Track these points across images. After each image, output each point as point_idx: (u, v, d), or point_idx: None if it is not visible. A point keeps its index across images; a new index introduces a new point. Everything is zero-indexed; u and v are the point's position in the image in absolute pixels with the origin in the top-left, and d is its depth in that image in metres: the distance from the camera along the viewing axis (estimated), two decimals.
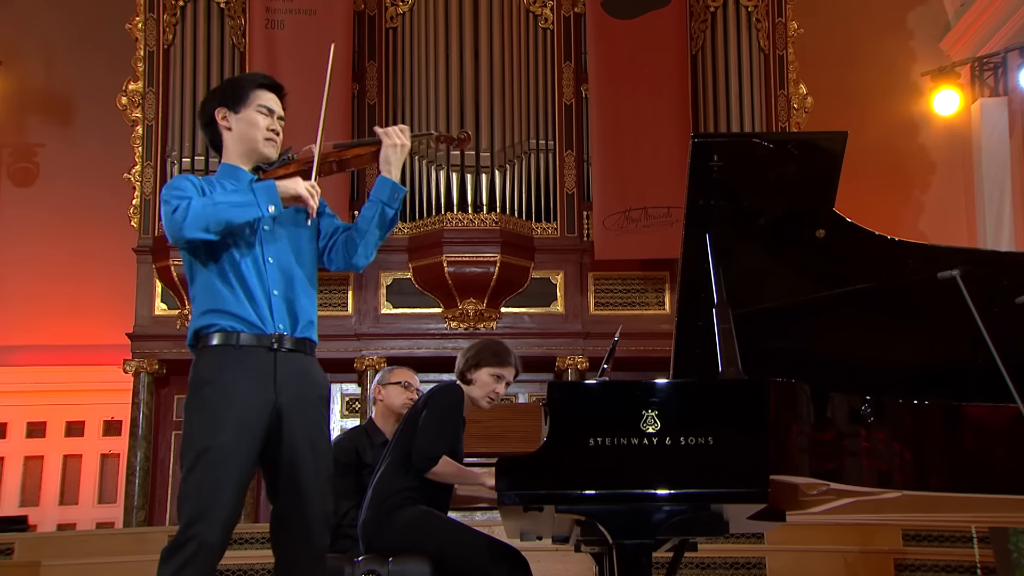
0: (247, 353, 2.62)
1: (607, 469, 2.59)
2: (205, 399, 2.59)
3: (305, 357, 2.71)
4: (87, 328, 8.38)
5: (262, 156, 2.80)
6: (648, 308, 7.40)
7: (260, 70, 7.04)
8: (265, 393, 2.62)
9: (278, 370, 2.63)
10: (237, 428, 2.56)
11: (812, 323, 3.22)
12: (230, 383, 2.58)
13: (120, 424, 8.38)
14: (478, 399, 3.53)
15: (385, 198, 2.79)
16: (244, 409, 2.58)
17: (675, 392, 2.68)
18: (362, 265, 2.85)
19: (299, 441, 2.65)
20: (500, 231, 7.09)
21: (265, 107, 2.80)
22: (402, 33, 7.55)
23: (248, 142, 2.79)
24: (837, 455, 2.75)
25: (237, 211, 2.60)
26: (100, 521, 8.29)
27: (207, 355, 2.64)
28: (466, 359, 3.55)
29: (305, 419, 2.67)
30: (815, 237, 3.07)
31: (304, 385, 2.69)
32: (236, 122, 2.79)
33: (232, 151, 2.81)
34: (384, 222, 2.81)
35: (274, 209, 2.63)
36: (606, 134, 7.24)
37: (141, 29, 7.47)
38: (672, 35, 7.36)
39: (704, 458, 2.59)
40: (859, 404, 2.78)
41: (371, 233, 2.80)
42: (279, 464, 2.65)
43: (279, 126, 2.83)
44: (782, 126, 7.46)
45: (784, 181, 3.00)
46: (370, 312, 7.32)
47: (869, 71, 8.74)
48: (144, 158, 7.38)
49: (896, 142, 8.78)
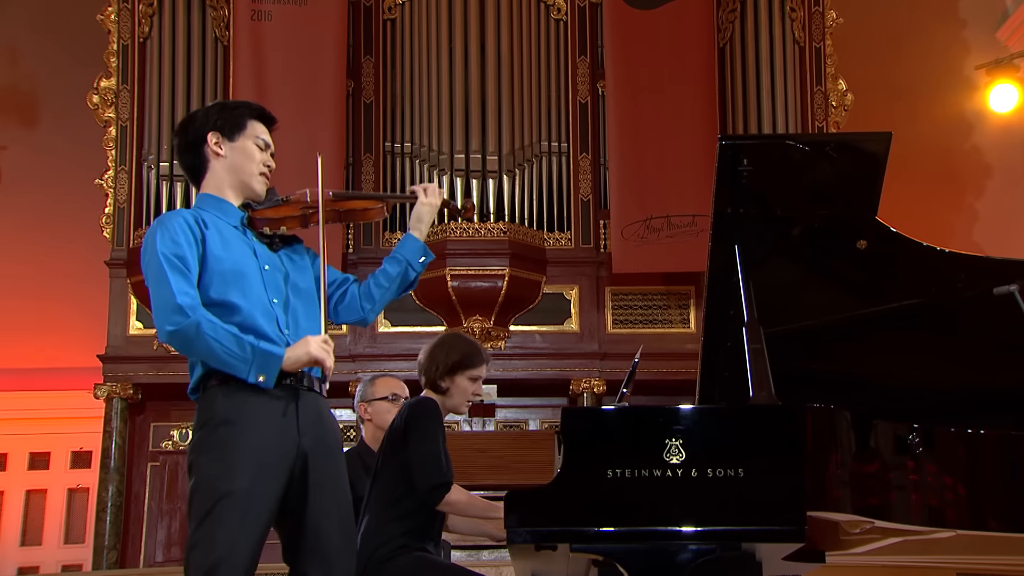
0: (267, 391, 2.64)
1: (627, 504, 2.60)
2: (222, 439, 2.60)
3: (320, 398, 2.76)
4: (53, 349, 8.41)
5: (252, 192, 2.84)
6: (671, 326, 7.41)
7: (246, 65, 7.13)
8: (289, 433, 2.65)
9: (300, 410, 2.68)
10: (259, 471, 2.58)
11: (852, 343, 3.23)
12: (250, 422, 2.61)
13: (90, 455, 8.39)
14: (458, 407, 3.55)
15: (411, 258, 2.95)
16: (268, 450, 2.61)
17: (702, 419, 2.69)
18: (371, 319, 2.98)
19: (326, 494, 2.67)
20: (509, 242, 7.12)
21: (262, 140, 2.85)
22: (401, 25, 7.60)
23: (240, 174, 2.82)
24: (882, 489, 2.75)
25: (224, 359, 2.59)
26: (66, 563, 8.29)
27: (222, 392, 2.65)
28: (435, 366, 3.52)
29: (331, 467, 2.71)
30: (855, 248, 3.09)
31: (325, 429, 2.74)
32: (231, 150, 2.82)
33: (220, 181, 2.83)
34: (406, 283, 2.96)
35: (264, 379, 2.61)
36: (625, 135, 7.27)
37: (114, 20, 7.53)
38: (697, 26, 7.40)
39: (734, 492, 2.60)
40: (906, 433, 2.79)
41: (389, 291, 2.94)
42: (303, 522, 2.66)
43: (272, 162, 2.88)
44: (819, 126, 7.48)
45: (821, 187, 3.02)
46: (366, 331, 7.34)
47: (916, 64, 8.75)
48: (118, 162, 7.42)
49: (947, 143, 8.78)
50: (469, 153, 7.26)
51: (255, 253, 2.78)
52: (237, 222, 2.80)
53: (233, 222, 2.79)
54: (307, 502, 2.65)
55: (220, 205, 2.81)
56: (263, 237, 2.82)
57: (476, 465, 3.71)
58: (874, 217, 3.06)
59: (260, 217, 2.82)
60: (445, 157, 7.24)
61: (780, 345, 2.89)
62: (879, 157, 2.97)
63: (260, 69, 7.15)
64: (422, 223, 2.99)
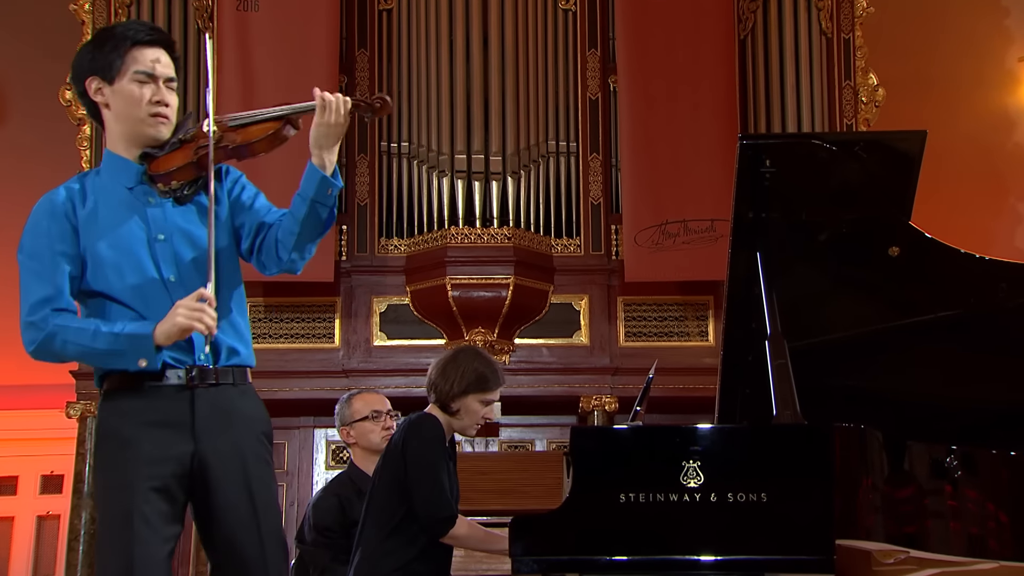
0: (154, 395, 2.53)
1: (641, 531, 2.61)
2: (109, 457, 2.54)
3: (230, 391, 2.59)
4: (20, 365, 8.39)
5: (148, 139, 2.59)
6: (688, 339, 7.41)
7: (230, 58, 7.15)
8: (180, 441, 2.53)
9: (196, 412, 2.53)
10: (149, 487, 2.49)
11: (884, 358, 3.24)
12: (133, 435, 2.51)
13: (61, 479, 8.40)
14: (465, 429, 3.48)
15: (314, 193, 2.59)
16: (155, 463, 2.50)
17: (721, 439, 2.70)
18: (299, 267, 2.68)
19: (235, 500, 2.55)
20: (513, 248, 7.13)
21: (143, 72, 2.55)
22: (398, 16, 7.62)
23: (129, 122, 2.57)
24: (917, 516, 2.76)
25: (98, 359, 2.52)
26: None
27: (107, 401, 2.58)
28: (448, 385, 3.44)
29: (241, 471, 2.56)
30: (887, 256, 3.10)
31: (232, 429, 2.57)
32: (112, 96, 2.57)
33: (112, 133, 2.60)
34: (319, 223, 2.61)
35: (146, 363, 2.47)
36: (638, 134, 7.29)
37: (88, 11, 7.55)
38: (717, 16, 7.41)
39: (756, 518, 2.61)
40: (943, 455, 2.80)
41: (304, 235, 2.61)
42: (213, 538, 2.57)
43: (169, 95, 2.59)
44: (848, 124, 7.49)
45: (850, 190, 3.04)
46: (360, 344, 7.35)
47: (953, 57, 8.75)
48: (92, 163, 7.43)
49: (987, 141, 8.77)
50: (471, 153, 7.26)
51: (147, 221, 2.58)
52: (133, 181, 2.59)
53: (128, 183, 2.59)
54: (214, 516, 2.54)
55: (115, 164, 2.61)
56: (164, 193, 2.59)
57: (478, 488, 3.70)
58: (907, 222, 3.08)
59: (156, 172, 2.57)
60: (445, 158, 7.25)
61: (806, 360, 2.90)
62: (912, 157, 2.98)
63: (246, 62, 7.17)
64: (322, 148, 2.62)
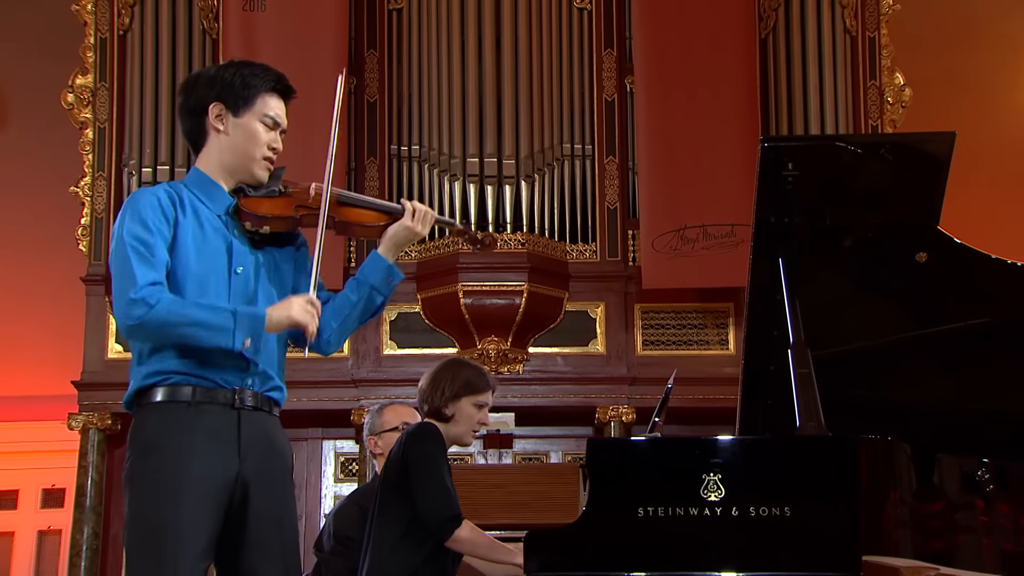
0: (204, 411, 2.62)
1: (660, 546, 2.61)
2: (155, 466, 2.58)
3: (270, 419, 2.72)
4: (22, 375, 8.47)
5: (251, 177, 2.78)
6: (708, 348, 7.40)
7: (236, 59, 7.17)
8: (228, 458, 2.62)
9: (243, 432, 2.64)
10: (197, 499, 2.56)
11: (911, 367, 3.23)
12: (184, 446, 2.58)
13: (63, 493, 8.44)
14: (462, 436, 3.56)
15: (376, 282, 2.79)
16: (205, 477, 2.58)
17: (743, 451, 2.70)
18: (331, 350, 2.84)
19: (266, 530, 2.64)
20: (527, 255, 7.13)
21: (271, 118, 2.78)
22: (408, 16, 7.64)
23: (241, 157, 2.77)
24: (948, 532, 2.76)
25: (203, 333, 2.57)
26: None
27: (155, 412, 2.63)
28: (439, 391, 3.55)
29: (276, 500, 2.67)
30: (915, 262, 3.10)
31: (273, 454, 2.69)
32: (233, 127, 2.76)
33: (215, 159, 2.78)
34: (370, 310, 2.81)
35: (249, 343, 2.60)
36: (656, 137, 7.29)
37: (91, 11, 7.59)
38: (737, 14, 7.42)
39: (780, 533, 2.60)
40: (974, 468, 2.79)
41: (352, 320, 2.81)
42: (239, 562, 2.63)
43: (280, 143, 2.81)
44: (873, 125, 7.48)
45: (876, 193, 3.03)
46: (370, 353, 7.36)
47: (985, 54, 8.71)
48: (95, 168, 7.48)
49: (1021, 142, 8.74)
50: (484, 157, 7.28)
51: (230, 251, 2.72)
52: (222, 211, 2.74)
53: (217, 211, 2.74)
54: (244, 539, 2.62)
55: (207, 188, 2.76)
56: (248, 232, 2.75)
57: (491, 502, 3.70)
58: (936, 226, 3.07)
59: (247, 210, 2.73)
60: (457, 161, 7.27)
61: (830, 369, 2.89)
62: (941, 159, 2.97)
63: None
64: (394, 244, 2.81)
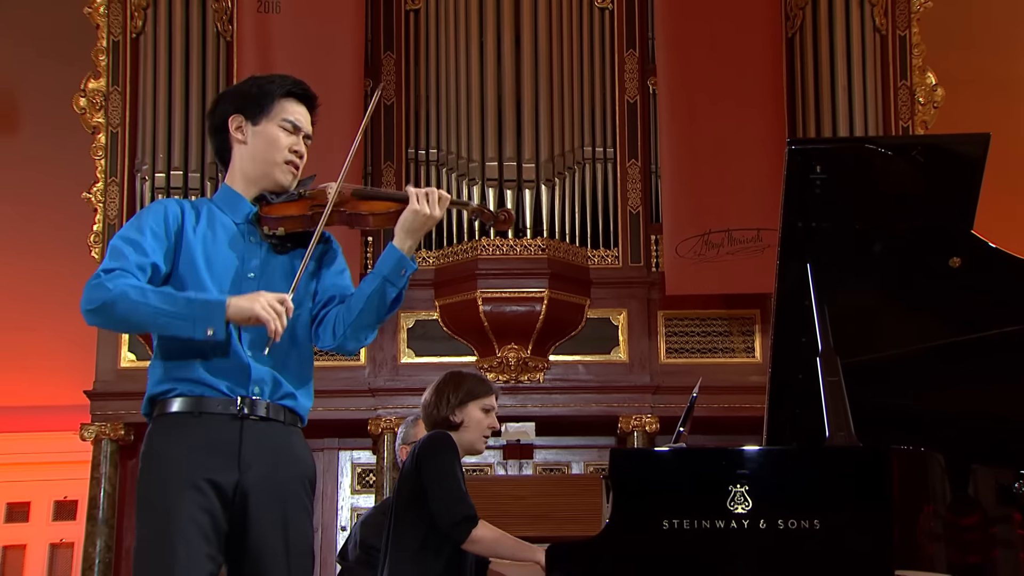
0: (205, 421, 2.65)
1: (685, 559, 2.60)
2: (156, 477, 2.63)
3: (279, 427, 2.73)
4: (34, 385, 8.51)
5: (275, 184, 2.81)
6: (734, 355, 7.38)
7: (251, 63, 7.18)
8: (227, 468, 2.64)
9: (244, 442, 2.66)
10: (198, 508, 2.59)
11: (944, 376, 3.22)
12: (184, 455, 2.62)
13: (75, 505, 8.47)
14: (474, 443, 3.62)
15: (388, 272, 2.74)
16: (205, 488, 2.61)
17: (771, 462, 2.69)
18: (354, 350, 2.83)
19: (270, 539, 2.65)
20: (548, 260, 7.14)
21: (290, 122, 2.81)
22: (426, 17, 7.67)
23: (262, 164, 2.81)
24: (983, 545, 2.74)
25: (164, 321, 2.59)
26: None
27: (158, 421, 2.69)
28: (445, 400, 3.61)
29: (281, 509, 2.68)
30: (948, 267, 3.08)
31: (280, 463, 2.70)
32: (252, 136, 2.81)
33: (239, 171, 2.83)
34: (384, 303, 2.76)
35: (212, 332, 2.58)
36: (679, 139, 7.28)
37: (103, 14, 7.63)
38: (763, 13, 7.41)
39: (809, 547, 2.60)
40: (1010, 479, 2.78)
41: (366, 313, 2.75)
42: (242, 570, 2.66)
43: (304, 148, 2.84)
44: (904, 126, 7.45)
45: (907, 197, 3.02)
46: (387, 362, 7.37)
47: (1020, 53, 8.67)
48: (108, 173, 7.52)
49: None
50: (503, 161, 7.29)
51: (243, 257, 2.76)
52: (242, 219, 2.79)
53: (237, 218, 2.79)
54: (246, 553, 2.64)
55: (231, 199, 2.82)
56: (267, 237, 2.79)
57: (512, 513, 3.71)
58: (970, 231, 3.05)
59: (265, 215, 2.78)
60: (476, 165, 7.28)
61: (860, 378, 2.89)
62: (975, 162, 2.96)
63: (267, 67, 7.19)
64: (406, 232, 2.73)
